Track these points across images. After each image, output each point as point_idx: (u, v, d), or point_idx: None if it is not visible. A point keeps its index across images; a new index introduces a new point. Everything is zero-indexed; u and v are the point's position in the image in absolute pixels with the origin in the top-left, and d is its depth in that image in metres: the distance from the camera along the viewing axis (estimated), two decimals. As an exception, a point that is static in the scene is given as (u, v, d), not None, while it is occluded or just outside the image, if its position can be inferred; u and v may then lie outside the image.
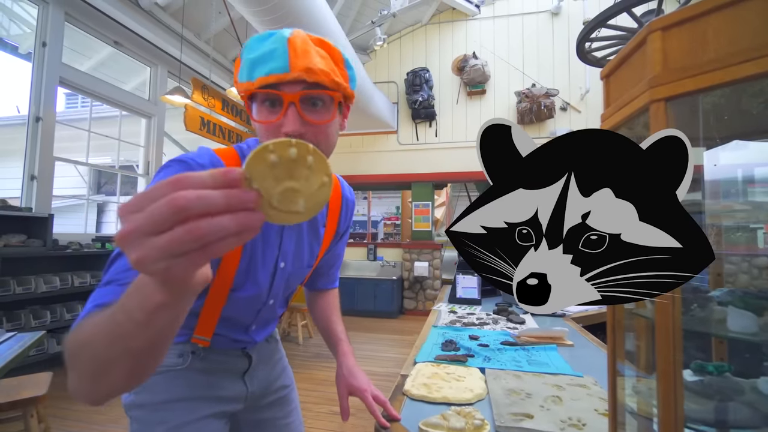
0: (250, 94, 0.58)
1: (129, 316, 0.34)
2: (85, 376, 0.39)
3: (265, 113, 0.58)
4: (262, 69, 0.56)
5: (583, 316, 1.92)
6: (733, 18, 0.44)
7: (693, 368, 0.63)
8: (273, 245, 0.72)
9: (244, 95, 0.59)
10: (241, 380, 0.81)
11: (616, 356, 0.61)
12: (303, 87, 0.56)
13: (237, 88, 0.61)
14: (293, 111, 0.56)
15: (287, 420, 0.92)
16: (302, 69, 0.55)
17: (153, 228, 0.27)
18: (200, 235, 0.26)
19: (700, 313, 0.51)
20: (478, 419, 0.75)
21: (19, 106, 8.57)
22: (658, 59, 0.49)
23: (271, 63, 0.55)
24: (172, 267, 0.27)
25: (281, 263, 0.74)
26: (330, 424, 2.47)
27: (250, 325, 0.79)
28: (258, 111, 0.59)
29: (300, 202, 0.32)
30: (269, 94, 0.57)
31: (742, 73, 0.43)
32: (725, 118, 0.62)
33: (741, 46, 0.43)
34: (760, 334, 0.44)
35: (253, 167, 0.30)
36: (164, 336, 0.36)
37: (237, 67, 0.62)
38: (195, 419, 0.73)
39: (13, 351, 1.54)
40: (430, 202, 6.12)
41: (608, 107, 0.63)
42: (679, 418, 0.46)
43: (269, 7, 3.34)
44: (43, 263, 3.49)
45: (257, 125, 0.60)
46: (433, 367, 1.11)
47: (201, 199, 0.27)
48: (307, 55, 0.56)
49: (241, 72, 0.59)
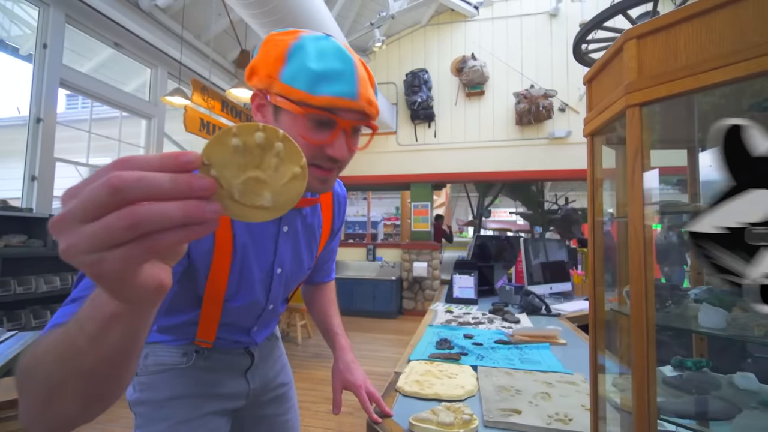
0: (296, 104, 0.53)
1: (81, 328, 0.30)
2: (36, 401, 0.34)
3: (311, 130, 0.55)
4: (329, 87, 0.52)
5: (577, 315, 1.95)
6: (702, 27, 0.46)
7: (673, 364, 0.65)
8: (267, 251, 0.70)
9: (289, 102, 0.53)
10: (243, 378, 0.83)
11: (597, 352, 0.63)
12: (358, 117, 0.56)
13: (279, 88, 0.54)
14: (344, 138, 0.56)
15: (286, 417, 0.94)
16: (366, 100, 0.55)
17: (85, 213, 0.23)
18: (136, 222, 0.22)
19: (674, 310, 0.53)
20: (467, 414, 0.77)
21: (19, 107, 8.60)
22: (634, 66, 0.52)
23: (339, 85, 0.53)
24: (105, 260, 0.23)
25: (278, 269, 0.73)
26: (328, 423, 2.50)
27: (251, 327, 0.80)
28: (303, 125, 0.55)
29: (266, 195, 0.28)
30: (328, 118, 0.54)
31: (710, 80, 0.45)
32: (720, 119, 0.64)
33: (709, 54, 0.46)
34: (727, 329, 0.46)
35: (213, 152, 0.26)
36: (119, 354, 0.31)
37: (279, 61, 0.54)
38: (198, 416, 0.75)
39: (14, 350, 1.56)
40: (429, 203, 6.14)
41: (590, 111, 0.65)
42: (652, 411, 0.48)
43: (269, 9, 3.37)
44: (43, 263, 3.51)
45: (295, 138, 0.53)
46: (427, 364, 1.13)
47: (141, 181, 0.23)
48: (366, 84, 0.56)
49: (296, 77, 0.53)
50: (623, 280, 0.61)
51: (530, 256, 2.32)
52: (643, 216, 0.50)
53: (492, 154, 5.92)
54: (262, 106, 0.59)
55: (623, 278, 0.61)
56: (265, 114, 0.59)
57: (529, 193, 7.74)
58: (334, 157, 0.56)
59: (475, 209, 8.46)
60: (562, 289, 2.48)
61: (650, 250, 0.50)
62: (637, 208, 0.50)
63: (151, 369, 0.74)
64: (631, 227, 0.51)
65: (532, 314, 1.93)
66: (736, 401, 0.55)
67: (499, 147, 5.90)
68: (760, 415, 0.49)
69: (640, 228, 0.50)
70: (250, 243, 0.67)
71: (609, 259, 0.65)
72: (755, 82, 0.46)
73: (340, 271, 6.45)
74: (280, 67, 0.54)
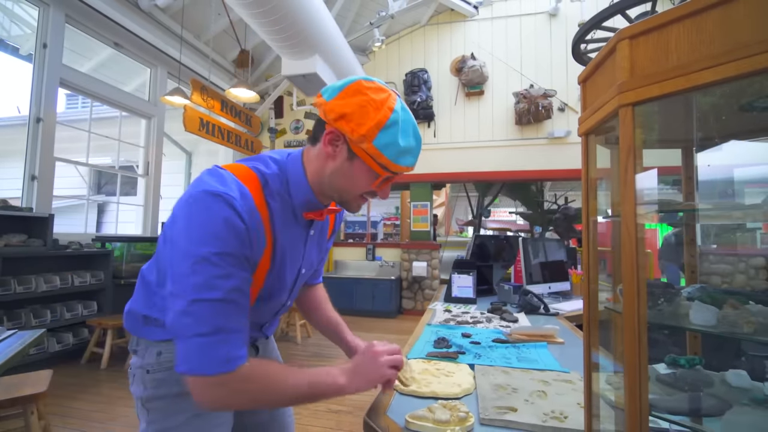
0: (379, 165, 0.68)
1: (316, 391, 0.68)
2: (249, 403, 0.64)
3: (371, 179, 0.70)
4: (405, 160, 0.68)
5: (575, 314, 1.95)
6: (693, 28, 0.47)
7: (667, 362, 0.66)
8: (298, 254, 0.79)
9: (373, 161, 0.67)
10: None
11: (591, 350, 0.63)
12: None
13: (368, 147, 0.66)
14: (388, 188, 0.74)
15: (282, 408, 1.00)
16: None
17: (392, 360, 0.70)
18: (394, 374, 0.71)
19: (667, 308, 0.54)
20: (463, 412, 0.78)
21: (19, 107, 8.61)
22: (626, 66, 0.52)
23: (411, 159, 0.70)
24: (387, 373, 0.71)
25: (303, 270, 0.83)
26: (328, 422, 2.50)
27: (265, 323, 0.89)
28: (375, 179, 0.70)
29: None
30: (392, 176, 0.72)
31: (701, 80, 0.46)
32: (723, 119, 0.65)
33: (700, 54, 0.46)
34: (718, 326, 0.47)
35: None
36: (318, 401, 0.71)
37: (378, 128, 0.66)
38: None
39: (14, 348, 1.56)
40: (428, 203, 6.15)
41: (584, 111, 0.66)
42: (644, 408, 0.49)
43: (268, 9, 3.37)
44: (43, 263, 3.52)
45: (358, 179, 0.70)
46: (424, 363, 1.13)
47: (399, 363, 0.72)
48: None
49: (387, 148, 0.66)
50: (618, 279, 0.61)
51: (529, 255, 2.33)
52: (635, 215, 0.51)
53: (491, 153, 5.92)
54: (338, 144, 0.69)
55: (618, 276, 0.61)
56: (337, 151, 0.69)
57: (528, 193, 7.75)
58: (381, 197, 0.74)
59: (474, 209, 8.47)
60: (560, 289, 2.49)
61: (642, 249, 0.51)
62: (629, 207, 0.51)
63: (165, 366, 0.76)
64: (623, 226, 0.52)
65: (531, 313, 1.93)
66: (727, 398, 0.56)
67: (499, 147, 5.90)
68: (749, 411, 0.49)
69: (633, 226, 0.51)
70: (287, 247, 0.75)
71: (603, 257, 0.66)
72: (749, 81, 0.46)
73: (339, 270, 6.45)
74: (376, 133, 0.66)
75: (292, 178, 0.73)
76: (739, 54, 0.42)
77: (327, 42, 4.17)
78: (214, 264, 0.59)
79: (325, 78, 4.28)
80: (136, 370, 0.78)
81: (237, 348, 0.61)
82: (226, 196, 0.62)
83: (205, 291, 0.59)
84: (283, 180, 0.73)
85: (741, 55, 0.42)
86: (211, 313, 0.59)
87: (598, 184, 0.66)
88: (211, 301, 0.59)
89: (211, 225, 0.60)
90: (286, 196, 0.73)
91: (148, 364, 0.76)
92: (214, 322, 0.59)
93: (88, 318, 3.63)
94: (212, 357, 0.59)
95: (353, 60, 5.06)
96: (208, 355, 0.59)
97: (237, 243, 0.61)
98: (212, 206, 0.61)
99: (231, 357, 0.60)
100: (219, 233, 0.60)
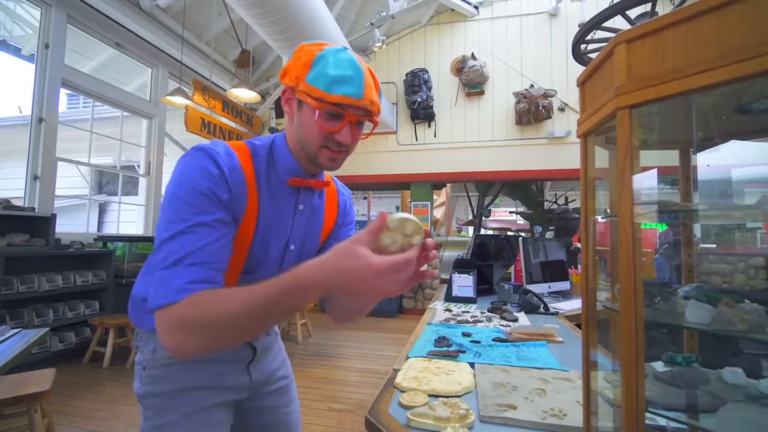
0: (315, 99, 0.67)
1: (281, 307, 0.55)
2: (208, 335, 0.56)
3: (325, 121, 0.69)
4: (340, 89, 0.66)
5: (575, 314, 1.96)
6: (689, 32, 0.48)
7: (664, 359, 0.67)
8: (285, 227, 0.79)
9: (310, 98, 0.67)
10: (245, 370, 0.86)
11: (589, 348, 0.64)
12: (362, 113, 0.70)
13: (304, 87, 0.68)
14: (349, 128, 0.71)
15: (287, 409, 0.96)
16: (369, 100, 0.69)
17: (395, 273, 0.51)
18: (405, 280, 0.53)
19: (663, 306, 0.55)
20: (463, 409, 0.79)
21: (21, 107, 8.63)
22: (624, 69, 0.53)
23: (349, 87, 0.67)
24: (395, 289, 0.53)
25: (291, 245, 0.81)
26: (329, 421, 2.51)
27: None
28: (318, 116, 0.69)
29: None
30: (338, 111, 0.68)
31: (696, 83, 0.47)
32: (723, 118, 0.65)
33: (695, 58, 0.47)
34: (713, 324, 0.48)
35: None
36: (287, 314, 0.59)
37: (306, 66, 0.68)
38: (206, 407, 0.78)
39: (17, 347, 1.57)
40: (428, 202, 6.16)
41: (583, 112, 0.67)
42: (641, 404, 0.50)
43: (269, 9, 3.38)
44: (45, 262, 3.54)
45: (310, 124, 0.70)
46: (425, 362, 1.14)
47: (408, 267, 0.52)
48: (371, 87, 0.70)
49: (317, 79, 0.67)
50: (616, 278, 0.62)
51: (529, 255, 2.34)
52: (632, 215, 0.52)
53: (492, 153, 5.93)
54: (289, 99, 0.73)
55: (616, 276, 0.62)
56: (291, 106, 0.73)
57: (528, 193, 7.75)
58: (341, 142, 0.71)
59: (474, 208, 8.47)
60: (560, 288, 2.50)
61: (639, 248, 0.52)
62: (627, 207, 0.52)
63: (161, 362, 0.77)
64: (620, 225, 0.53)
65: (531, 313, 1.94)
66: (723, 395, 0.57)
67: (499, 147, 5.91)
68: (744, 408, 0.50)
69: (630, 226, 0.52)
70: (271, 218, 0.75)
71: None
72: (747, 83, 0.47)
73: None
74: (306, 71, 0.68)
75: (277, 148, 0.77)
76: (732, 58, 0.43)
77: (328, 42, 4.18)
78: (185, 201, 0.63)
79: (325, 78, 4.29)
80: (136, 366, 0.80)
81: (196, 277, 0.58)
82: (207, 149, 0.68)
83: (174, 225, 0.61)
84: (271, 150, 0.77)
85: (734, 59, 0.43)
86: (177, 245, 0.60)
87: (597, 183, 0.67)
88: (177, 234, 0.61)
89: (187, 170, 0.65)
90: (273, 164, 0.76)
91: (144, 360, 0.78)
92: (178, 253, 0.59)
93: (90, 317, 3.65)
94: (168, 286, 0.57)
95: (354, 60, 5.07)
96: (165, 284, 0.58)
97: (210, 184, 0.64)
98: (193, 156, 0.67)
99: (185, 287, 0.57)
100: (193, 176, 0.64)
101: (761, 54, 0.41)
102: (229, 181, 0.67)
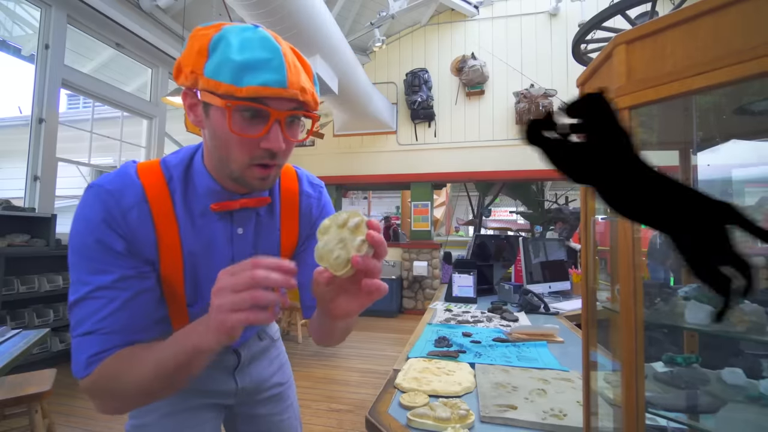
0: (222, 97, 0.51)
1: (176, 360, 0.49)
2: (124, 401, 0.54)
3: (244, 125, 0.52)
4: (254, 78, 0.50)
5: (575, 314, 1.96)
6: (688, 34, 0.48)
7: (664, 360, 0.67)
8: (224, 256, 0.67)
9: (215, 96, 0.51)
10: (231, 376, 0.83)
11: (589, 348, 0.64)
12: (293, 106, 0.54)
13: (204, 83, 0.51)
14: (278, 129, 0.53)
15: (282, 417, 0.92)
16: (298, 88, 0.52)
17: (234, 288, 0.42)
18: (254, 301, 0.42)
19: (663, 307, 0.55)
20: (463, 410, 0.79)
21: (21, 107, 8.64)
22: (623, 71, 0.53)
23: (266, 74, 0.50)
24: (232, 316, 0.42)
25: None
26: (328, 421, 2.51)
27: None
28: (233, 120, 0.52)
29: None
30: (257, 109, 0.51)
31: (695, 84, 0.47)
32: (723, 118, 0.65)
33: (694, 59, 0.47)
34: (712, 324, 0.48)
35: None
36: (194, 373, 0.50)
37: (202, 55, 0.51)
38: (185, 408, 0.77)
39: (18, 348, 1.58)
40: (429, 202, 6.16)
41: (583, 114, 0.67)
42: (640, 405, 0.50)
43: (269, 9, 3.38)
44: (46, 263, 3.54)
45: (223, 133, 0.53)
46: (425, 362, 1.15)
47: (267, 279, 0.42)
48: (298, 71, 0.54)
49: (219, 70, 0.50)
50: (616, 278, 0.63)
51: (529, 255, 2.34)
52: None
53: (492, 153, 5.93)
54: (194, 105, 0.55)
55: (616, 276, 0.62)
56: (197, 113, 0.55)
57: (529, 193, 7.75)
58: (271, 150, 0.54)
59: (475, 208, 8.48)
60: (560, 288, 2.50)
61: (639, 249, 0.52)
62: (626, 208, 0.52)
63: None
64: (620, 225, 0.53)
65: (531, 313, 1.94)
66: (723, 396, 0.57)
67: (499, 146, 5.91)
68: (743, 408, 0.50)
69: (629, 226, 0.52)
70: (201, 250, 0.64)
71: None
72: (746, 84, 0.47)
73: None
74: (203, 61, 0.51)
75: (195, 166, 0.62)
76: (730, 60, 0.43)
77: (327, 42, 4.18)
78: (81, 256, 0.55)
79: (325, 78, 4.29)
80: None
81: (106, 346, 0.54)
82: (96, 189, 0.57)
83: (76, 287, 0.55)
84: (187, 169, 0.62)
85: (732, 61, 0.43)
86: (82, 313, 0.54)
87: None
88: (81, 300, 0.55)
89: (78, 218, 0.56)
90: (191, 186, 0.62)
91: None
92: (84, 324, 0.54)
93: (91, 318, 3.64)
94: (78, 360, 0.54)
95: (354, 60, 5.07)
96: (76, 357, 0.54)
97: (99, 236, 0.55)
98: (83, 200, 0.57)
99: (93, 360, 0.53)
100: (80, 229, 0.55)
101: (760, 56, 0.41)
102: (122, 226, 0.56)
